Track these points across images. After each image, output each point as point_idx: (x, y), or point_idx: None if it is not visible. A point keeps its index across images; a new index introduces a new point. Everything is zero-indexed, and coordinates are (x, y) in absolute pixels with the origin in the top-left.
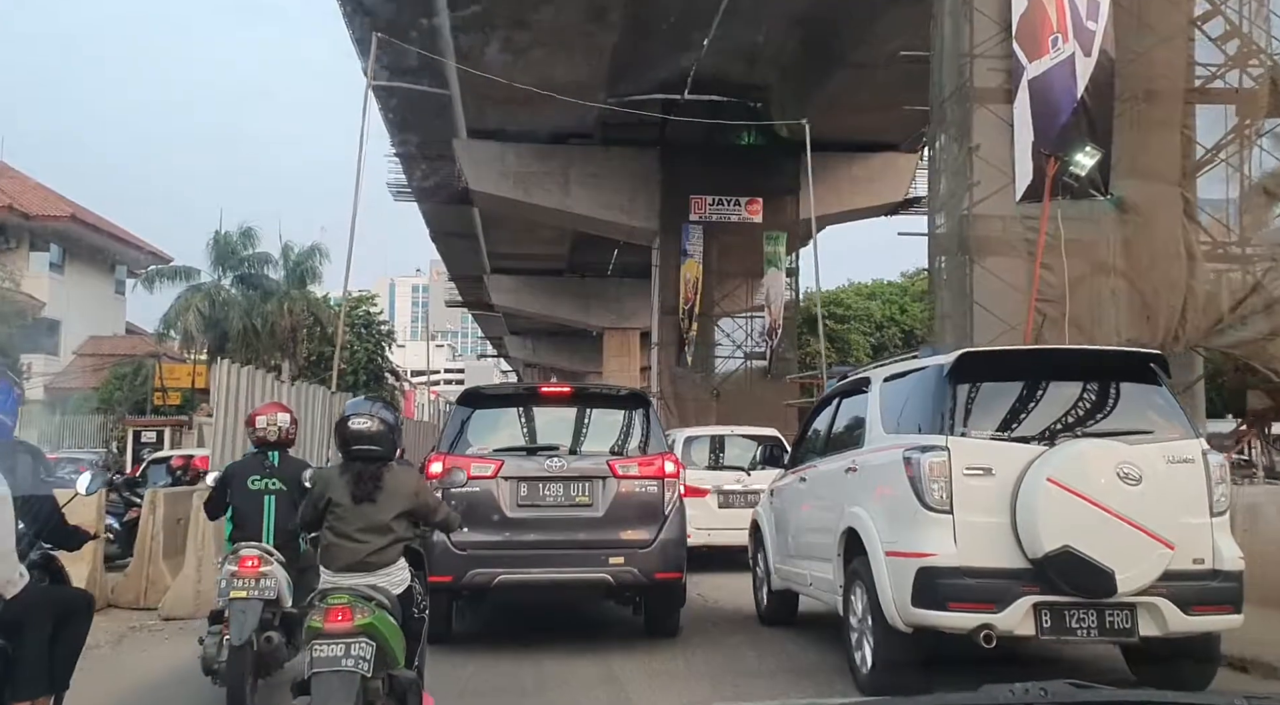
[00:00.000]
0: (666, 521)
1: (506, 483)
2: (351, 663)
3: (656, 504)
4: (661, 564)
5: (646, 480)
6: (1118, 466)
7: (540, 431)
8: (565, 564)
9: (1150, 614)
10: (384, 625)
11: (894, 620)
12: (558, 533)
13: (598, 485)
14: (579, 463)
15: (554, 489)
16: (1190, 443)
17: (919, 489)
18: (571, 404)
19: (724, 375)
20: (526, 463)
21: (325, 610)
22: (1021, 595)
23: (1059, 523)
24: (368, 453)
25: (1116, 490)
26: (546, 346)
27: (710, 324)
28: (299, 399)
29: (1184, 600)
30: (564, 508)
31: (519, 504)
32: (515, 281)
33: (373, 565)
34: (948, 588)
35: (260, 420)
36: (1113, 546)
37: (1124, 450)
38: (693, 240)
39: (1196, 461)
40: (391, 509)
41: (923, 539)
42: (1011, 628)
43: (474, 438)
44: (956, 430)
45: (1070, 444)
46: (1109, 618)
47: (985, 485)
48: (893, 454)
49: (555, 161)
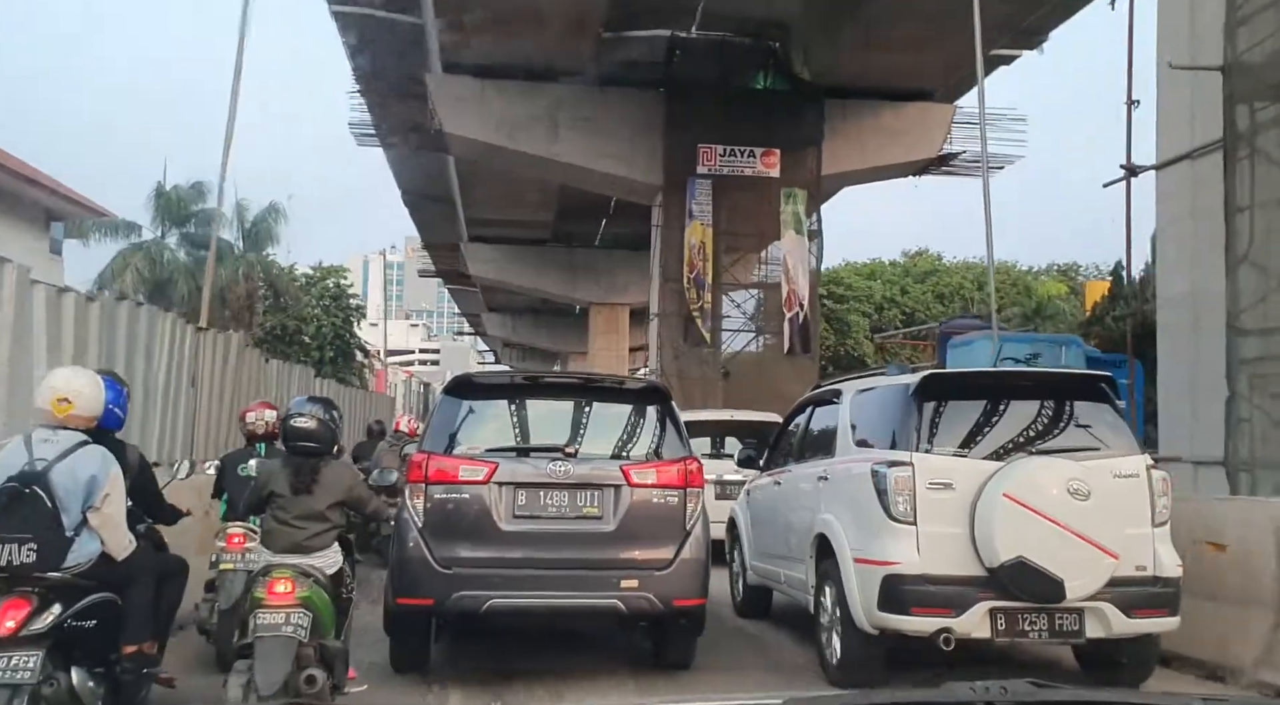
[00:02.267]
0: (689, 538)
1: (501, 489)
2: (290, 629)
3: (677, 517)
4: (682, 589)
5: (666, 489)
6: (1067, 483)
7: (542, 429)
8: (569, 587)
9: (1096, 617)
10: (319, 599)
11: (861, 622)
12: (561, 550)
13: (609, 494)
14: (587, 467)
15: (557, 498)
16: (1135, 459)
17: (885, 501)
18: (579, 396)
19: (734, 353)
20: (525, 466)
21: (268, 582)
22: (979, 601)
23: (1014, 535)
24: (307, 448)
25: (1066, 505)
26: (527, 325)
27: (719, 295)
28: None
29: (1127, 605)
30: (569, 520)
31: (515, 515)
32: (495, 251)
33: (309, 548)
34: (911, 594)
35: (250, 416)
36: (1062, 557)
37: (1073, 467)
38: (700, 199)
39: (1140, 476)
40: (326, 499)
41: (889, 548)
42: (969, 631)
43: (464, 435)
44: (921, 446)
45: (1024, 461)
46: (1058, 621)
47: (946, 499)
48: (862, 466)
49: (543, 102)
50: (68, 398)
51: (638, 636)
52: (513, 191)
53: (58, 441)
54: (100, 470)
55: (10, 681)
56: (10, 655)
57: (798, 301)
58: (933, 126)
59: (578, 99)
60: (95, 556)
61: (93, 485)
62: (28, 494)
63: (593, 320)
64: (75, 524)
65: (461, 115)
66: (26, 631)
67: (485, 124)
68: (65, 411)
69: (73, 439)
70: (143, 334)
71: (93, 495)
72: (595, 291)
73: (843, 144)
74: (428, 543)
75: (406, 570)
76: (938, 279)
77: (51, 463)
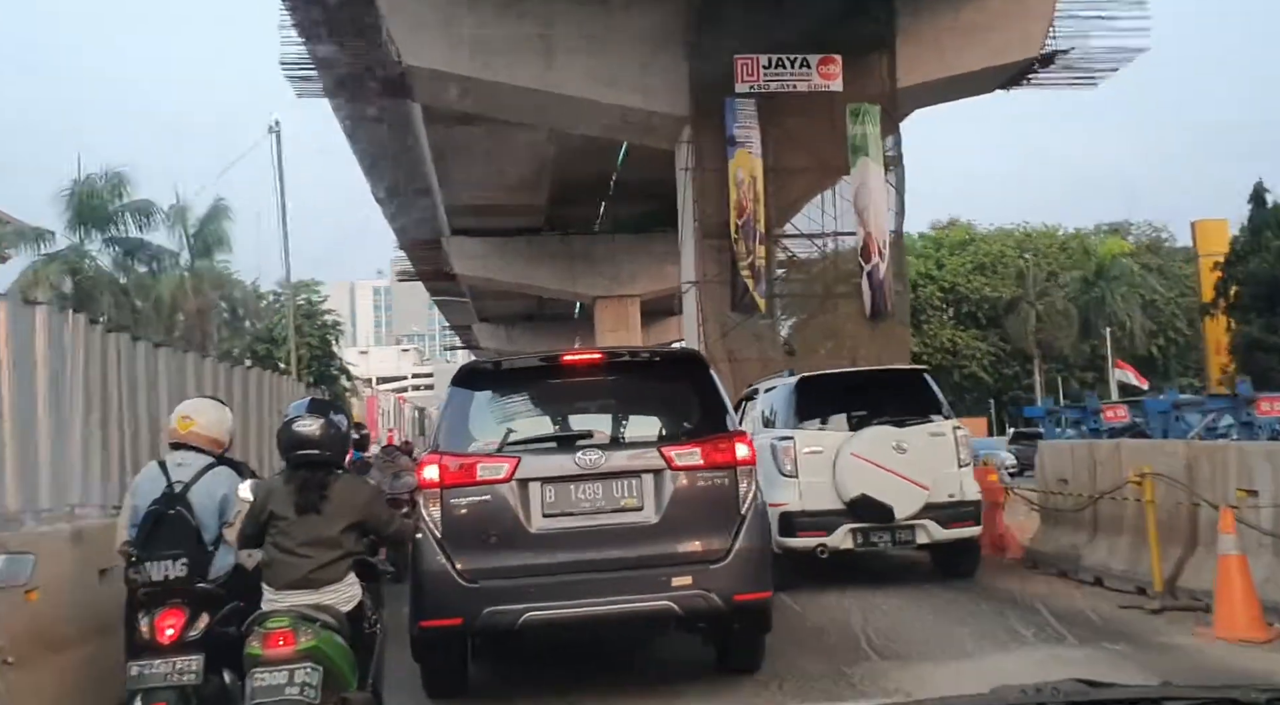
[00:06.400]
0: (744, 523)
1: (526, 486)
2: (296, 690)
3: (730, 501)
4: (743, 582)
5: (714, 470)
6: (894, 442)
7: (567, 415)
8: (613, 591)
9: (922, 530)
10: (330, 647)
11: (774, 545)
12: (600, 550)
13: (648, 482)
14: (622, 454)
15: (590, 491)
16: (945, 423)
17: (778, 463)
18: (604, 375)
19: (797, 322)
20: (551, 458)
21: (264, 635)
22: (841, 524)
23: (858, 479)
24: (313, 458)
25: (892, 457)
26: (523, 332)
27: (773, 248)
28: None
29: (942, 520)
30: (605, 515)
31: (545, 514)
32: (482, 245)
33: (318, 582)
34: (797, 523)
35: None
36: (891, 492)
37: (897, 432)
38: (743, 122)
39: (948, 435)
40: (339, 521)
41: (781, 494)
42: (838, 544)
43: (479, 429)
44: (800, 426)
45: (865, 431)
46: (897, 534)
47: (817, 459)
48: (765, 440)
49: (532, 17)
50: (189, 416)
51: (697, 640)
52: (497, 168)
53: (190, 465)
54: (230, 489)
55: (179, 684)
56: (175, 660)
57: (877, 249)
58: (1029, 19)
59: (577, 11)
60: (230, 568)
61: (225, 504)
62: (172, 514)
63: (598, 317)
64: (213, 539)
65: (426, 42)
66: (185, 638)
67: (456, 48)
68: (187, 427)
69: (202, 461)
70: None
71: (226, 512)
72: (599, 284)
73: (915, 49)
74: (448, 555)
75: (427, 588)
76: (975, 249)
77: (188, 484)
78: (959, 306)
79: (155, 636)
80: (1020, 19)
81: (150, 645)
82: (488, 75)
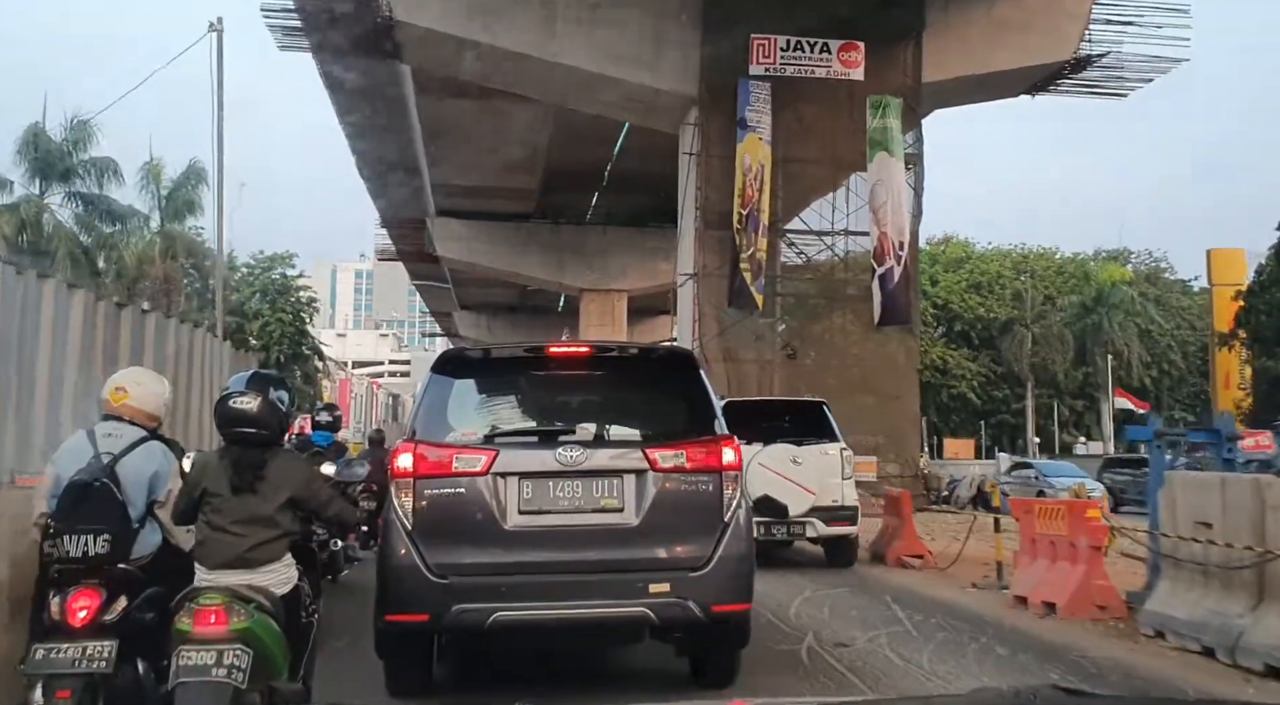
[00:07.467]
0: (728, 531)
1: (504, 481)
2: (223, 672)
3: (713, 507)
4: (723, 592)
5: (699, 474)
6: (792, 456)
7: (549, 409)
8: (587, 595)
9: (811, 527)
10: (263, 630)
11: None
12: (576, 550)
13: (630, 483)
14: (604, 452)
15: (570, 489)
16: (835, 444)
17: None
18: (591, 369)
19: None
20: (531, 453)
21: (195, 611)
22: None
23: (762, 483)
24: (249, 435)
25: (790, 468)
26: (504, 324)
27: (777, 242)
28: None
29: (826, 519)
30: (584, 514)
31: (522, 510)
32: (468, 227)
33: (253, 562)
34: None
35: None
36: (786, 495)
37: (795, 449)
38: (755, 105)
39: (835, 454)
40: (275, 499)
41: None
42: None
43: (457, 419)
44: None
45: (770, 447)
46: (792, 528)
47: None
48: None
49: None
50: (124, 387)
51: (670, 651)
52: (489, 147)
53: (121, 436)
54: (162, 466)
55: (87, 671)
56: (86, 645)
57: (892, 252)
58: (1065, 19)
59: None
60: (156, 548)
61: (156, 480)
62: (98, 487)
63: (584, 311)
64: (140, 517)
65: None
66: (99, 622)
67: (451, 9)
68: (120, 401)
69: (135, 434)
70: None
71: (156, 490)
72: (587, 276)
73: (943, 43)
74: (418, 548)
75: (394, 582)
76: (971, 267)
77: (117, 456)
78: (951, 324)
79: (66, 618)
80: (1056, 18)
81: (60, 627)
82: (485, 38)
